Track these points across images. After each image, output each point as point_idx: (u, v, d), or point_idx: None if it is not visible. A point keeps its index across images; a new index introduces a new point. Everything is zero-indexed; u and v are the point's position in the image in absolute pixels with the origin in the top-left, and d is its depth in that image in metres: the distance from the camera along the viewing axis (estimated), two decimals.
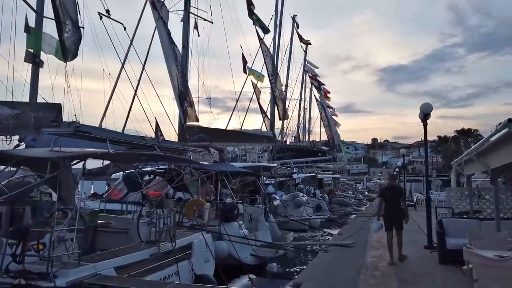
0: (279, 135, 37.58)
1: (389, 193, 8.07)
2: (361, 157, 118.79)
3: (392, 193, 8.05)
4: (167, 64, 12.99)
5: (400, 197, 8.06)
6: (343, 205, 27.58)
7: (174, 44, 13.87)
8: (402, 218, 7.89)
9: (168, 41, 13.05)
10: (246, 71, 25.03)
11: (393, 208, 7.93)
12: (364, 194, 51.69)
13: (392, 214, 7.93)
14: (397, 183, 9.41)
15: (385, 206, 8.05)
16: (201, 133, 17.82)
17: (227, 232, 9.49)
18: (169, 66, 13.07)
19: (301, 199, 17.30)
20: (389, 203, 7.96)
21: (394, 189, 8.28)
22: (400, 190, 8.49)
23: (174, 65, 13.30)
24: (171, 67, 13.10)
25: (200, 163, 10.28)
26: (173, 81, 13.23)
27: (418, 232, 11.38)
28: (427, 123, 9.41)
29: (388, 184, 8.67)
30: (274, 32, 31.73)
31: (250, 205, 14.04)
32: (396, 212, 7.90)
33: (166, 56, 13.05)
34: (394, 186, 8.67)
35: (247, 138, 17.94)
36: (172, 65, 13.23)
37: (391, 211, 7.95)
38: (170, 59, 13.14)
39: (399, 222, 7.92)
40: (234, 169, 11.91)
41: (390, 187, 8.41)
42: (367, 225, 15.64)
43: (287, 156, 28.89)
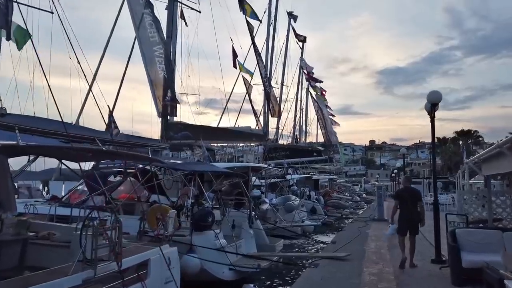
0: (275, 135, 36.41)
1: (405, 195, 7.71)
2: (358, 159, 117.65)
3: (409, 195, 7.68)
4: (141, 52, 11.57)
5: (417, 200, 7.65)
6: (339, 208, 26.17)
7: (159, 31, 12.47)
8: (418, 222, 7.53)
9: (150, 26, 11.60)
10: (237, 65, 23.69)
11: (410, 211, 7.55)
12: (362, 196, 50.41)
13: (408, 218, 7.57)
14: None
15: (401, 209, 7.72)
16: (185, 131, 16.49)
17: (200, 243, 8.10)
18: (144, 56, 11.64)
19: (292, 203, 15.85)
20: (406, 206, 7.60)
21: (410, 192, 7.85)
22: (417, 192, 7.95)
23: (153, 56, 11.89)
24: (147, 56, 11.68)
25: (164, 162, 8.83)
26: (152, 71, 11.82)
27: (422, 240, 9.98)
28: (435, 115, 8.02)
29: (404, 186, 8.21)
30: (268, 29, 30.52)
31: (235, 209, 12.66)
32: (412, 216, 7.53)
33: (141, 43, 11.63)
34: (411, 188, 8.14)
35: (235, 136, 16.55)
36: (150, 54, 11.83)
37: (407, 215, 7.58)
38: (146, 47, 11.72)
39: (415, 226, 7.58)
40: (212, 169, 10.47)
41: (407, 189, 7.99)
42: (364, 231, 14.25)
43: (280, 156, 27.51)
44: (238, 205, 13.28)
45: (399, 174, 39.06)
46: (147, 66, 11.51)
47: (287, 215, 15.80)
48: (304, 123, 48.07)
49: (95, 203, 9.75)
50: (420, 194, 8.00)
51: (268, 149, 28.09)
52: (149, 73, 11.55)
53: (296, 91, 43.04)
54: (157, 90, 11.85)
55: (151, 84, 11.78)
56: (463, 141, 56.87)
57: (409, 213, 7.54)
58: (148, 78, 11.71)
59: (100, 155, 6.60)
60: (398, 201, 7.83)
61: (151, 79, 11.71)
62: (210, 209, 8.50)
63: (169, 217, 6.83)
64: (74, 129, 7.48)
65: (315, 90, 37.26)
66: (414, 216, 7.52)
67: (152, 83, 11.73)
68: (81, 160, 7.00)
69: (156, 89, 11.79)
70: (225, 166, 14.54)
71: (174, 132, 16.79)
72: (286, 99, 37.65)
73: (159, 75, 11.82)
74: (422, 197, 7.93)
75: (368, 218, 19.01)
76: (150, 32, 11.74)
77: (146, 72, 11.60)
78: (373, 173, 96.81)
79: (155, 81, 11.79)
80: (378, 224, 17.08)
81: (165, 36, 15.54)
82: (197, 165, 10.18)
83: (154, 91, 11.76)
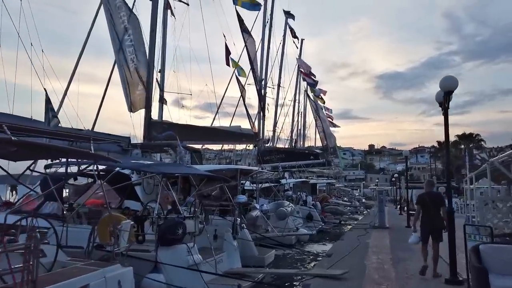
0: (271, 138, 35.05)
1: (428, 200, 7.40)
2: (358, 163, 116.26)
3: (432, 200, 7.37)
4: (111, 37, 10.25)
5: (441, 205, 7.28)
6: (337, 214, 24.77)
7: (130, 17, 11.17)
8: (442, 228, 7.17)
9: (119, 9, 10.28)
10: (230, 63, 22.41)
11: (433, 217, 7.27)
12: (361, 201, 49.02)
13: (431, 224, 7.28)
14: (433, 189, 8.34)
15: (423, 215, 7.47)
16: (169, 130, 15.15)
17: (167, 259, 6.75)
18: (114, 42, 10.32)
19: (285, 209, 14.48)
20: (429, 211, 7.34)
21: (433, 196, 7.52)
22: (440, 197, 7.59)
23: (123, 44, 10.59)
24: (115, 44, 10.35)
25: (118, 160, 7.47)
26: (121, 61, 10.49)
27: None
28: (449, 105, 6.68)
29: (427, 191, 7.83)
30: (263, 27, 29.31)
31: (221, 217, 11.31)
32: (436, 222, 7.24)
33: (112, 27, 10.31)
34: (434, 193, 7.88)
35: (223, 136, 15.21)
36: (119, 42, 10.52)
37: (430, 221, 7.30)
38: (114, 34, 10.40)
39: (439, 233, 7.23)
40: (185, 171, 9.10)
41: (429, 194, 7.65)
42: (364, 240, 12.88)
43: (276, 159, 26.14)
44: (224, 212, 11.96)
45: (400, 179, 37.73)
46: (117, 55, 10.21)
47: (281, 222, 14.42)
48: (303, 126, 46.87)
49: (49, 211, 8.46)
50: (443, 199, 7.45)
51: (263, 152, 26.80)
52: (119, 62, 10.25)
53: (294, 93, 41.87)
54: (128, 83, 10.54)
55: (122, 75, 10.46)
56: (464, 145, 55.59)
57: (431, 219, 7.25)
58: (119, 70, 10.41)
59: (24, 149, 5.22)
60: (420, 207, 7.57)
61: (121, 70, 10.41)
62: (181, 219, 7.11)
63: (121, 229, 5.46)
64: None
65: (313, 91, 35.97)
66: (437, 222, 7.20)
67: (124, 76, 10.43)
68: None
69: (127, 82, 10.49)
70: (210, 168, 13.19)
71: (158, 131, 15.49)
72: (283, 103, 36.46)
73: (130, 67, 10.52)
74: (445, 202, 7.18)
75: (368, 225, 17.64)
76: (121, 16, 10.47)
77: (117, 64, 10.30)
78: (373, 177, 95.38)
79: (125, 71, 10.50)
80: (379, 232, 15.73)
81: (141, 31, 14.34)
82: (167, 167, 8.82)
83: (124, 83, 10.44)
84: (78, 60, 14.02)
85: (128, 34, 10.75)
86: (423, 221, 7.43)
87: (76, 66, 13.97)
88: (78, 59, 14.01)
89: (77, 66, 13.97)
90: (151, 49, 15.78)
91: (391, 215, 22.85)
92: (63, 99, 13.75)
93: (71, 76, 14.06)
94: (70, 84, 13.98)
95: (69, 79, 14.03)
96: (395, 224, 18.79)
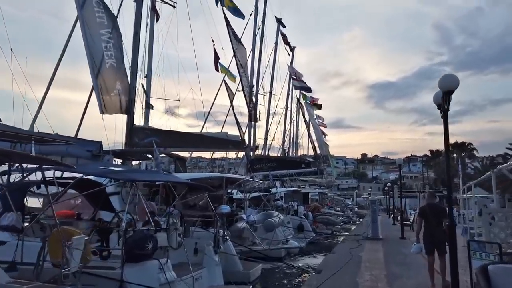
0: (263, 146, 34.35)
1: (430, 212, 7.26)
2: (350, 172, 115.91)
3: (434, 212, 7.23)
4: (83, 34, 9.52)
5: (442, 217, 7.05)
6: (329, 224, 24.03)
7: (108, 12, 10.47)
8: (445, 241, 6.94)
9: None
10: (218, 68, 21.78)
11: (435, 229, 7.08)
12: (354, 211, 48.37)
13: (434, 237, 7.11)
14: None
15: (426, 227, 7.32)
16: (153, 136, 14.41)
17: (135, 278, 5.96)
18: (86, 38, 9.58)
19: (273, 220, 13.72)
20: (431, 223, 7.18)
21: (435, 208, 7.38)
22: (443, 209, 7.38)
23: (98, 40, 9.87)
24: (90, 39, 9.62)
25: (71, 166, 6.70)
26: (96, 57, 9.75)
27: (424, 268, 7.97)
28: (449, 107, 6.05)
29: (429, 203, 7.70)
30: (254, 32, 28.83)
31: (203, 229, 10.54)
32: (438, 234, 7.05)
33: (84, 24, 9.59)
34: (436, 204, 7.72)
35: (209, 143, 14.48)
36: (95, 37, 9.80)
37: (433, 233, 7.13)
38: (91, 29, 9.68)
39: (442, 245, 7.09)
40: (156, 178, 8.32)
41: (432, 205, 7.51)
42: (356, 254, 12.16)
43: (266, 168, 25.48)
44: (207, 224, 11.18)
45: (393, 187, 37.19)
46: (90, 50, 9.47)
47: (268, 234, 13.65)
48: (295, 135, 46.27)
49: (8, 223, 7.62)
50: (445, 211, 7.16)
51: (253, 160, 26.08)
52: (92, 59, 9.51)
53: (286, 101, 41.35)
54: (101, 81, 9.78)
55: (93, 73, 9.69)
56: (457, 154, 55.43)
57: (433, 232, 7.08)
58: (90, 65, 9.63)
59: None
60: (422, 219, 7.44)
61: (94, 67, 9.66)
62: (152, 232, 6.34)
63: (72, 247, 4.68)
64: None
65: (305, 97, 35.48)
66: (439, 235, 7.00)
67: (95, 71, 9.67)
68: None
69: (100, 79, 9.73)
70: (194, 177, 12.45)
71: (140, 138, 14.75)
72: (275, 112, 35.91)
73: (106, 63, 9.79)
74: (447, 214, 6.78)
75: (361, 237, 16.92)
76: (97, 12, 9.76)
77: (88, 58, 9.54)
78: (365, 186, 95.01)
79: (99, 69, 9.76)
80: (373, 244, 15.03)
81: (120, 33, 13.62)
82: (138, 174, 8.04)
83: (96, 81, 9.68)
84: (57, 66, 13.23)
85: (107, 30, 10.05)
86: (425, 234, 7.26)
87: (55, 72, 13.18)
88: (56, 65, 13.23)
89: (56, 72, 13.20)
90: (134, 52, 15.13)
91: (384, 226, 22.19)
92: (41, 104, 12.97)
93: (49, 82, 13.29)
94: (49, 90, 13.23)
95: (47, 85, 13.26)
96: (389, 235, 18.11)
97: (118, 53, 10.61)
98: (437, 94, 6.22)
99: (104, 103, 10.05)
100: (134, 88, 14.70)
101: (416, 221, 7.87)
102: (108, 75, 9.89)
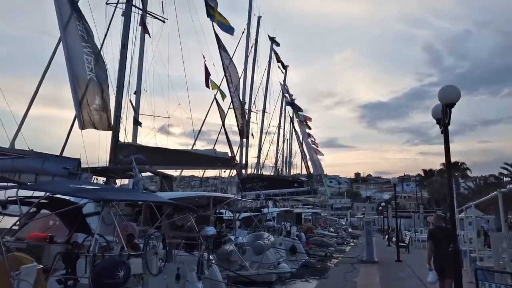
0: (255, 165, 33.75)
1: (440, 235, 7.13)
2: (344, 192, 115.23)
3: (443, 235, 7.08)
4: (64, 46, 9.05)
5: (454, 240, 6.62)
6: (323, 246, 23.26)
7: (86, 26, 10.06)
8: (457, 265, 6.28)
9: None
10: (209, 85, 21.41)
11: (445, 253, 6.78)
12: (348, 231, 47.51)
13: (443, 261, 6.88)
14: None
15: (435, 251, 7.13)
16: (138, 153, 13.82)
17: None
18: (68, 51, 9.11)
19: (263, 243, 13.01)
20: (440, 247, 7.01)
21: (444, 231, 7.25)
22: (451, 232, 7.00)
23: (80, 52, 9.41)
24: (71, 51, 9.15)
25: (21, 182, 6.11)
26: (76, 70, 9.25)
27: None
28: (450, 121, 5.59)
29: (437, 226, 7.61)
30: (246, 50, 28.74)
31: (187, 252, 9.83)
32: (447, 258, 6.66)
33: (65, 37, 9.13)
34: (445, 228, 7.52)
35: (197, 160, 13.89)
36: (77, 50, 9.34)
37: (442, 257, 6.95)
38: (72, 41, 9.22)
39: (451, 270, 6.49)
40: (129, 198, 7.67)
41: (440, 229, 7.41)
42: (351, 279, 11.48)
43: (258, 187, 24.80)
44: (193, 247, 10.48)
45: (387, 207, 36.61)
46: (70, 63, 8.98)
47: (258, 257, 12.91)
48: (289, 154, 45.79)
49: None
50: (455, 234, 6.89)
51: (245, 179, 25.43)
52: (72, 72, 9.01)
53: (279, 120, 41.09)
54: (80, 95, 9.27)
55: (73, 86, 9.17)
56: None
57: (444, 255, 6.82)
58: (70, 78, 9.13)
59: None
60: (432, 242, 7.25)
61: (74, 80, 9.14)
62: (125, 257, 5.68)
63: (19, 277, 4.01)
64: None
65: (298, 116, 35.22)
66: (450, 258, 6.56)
67: (75, 84, 9.16)
68: None
69: (79, 93, 9.21)
70: (180, 196, 11.78)
71: (125, 155, 14.13)
72: (267, 130, 35.57)
73: (86, 77, 9.30)
74: (456, 237, 6.64)
75: (355, 259, 16.23)
76: (78, 25, 9.32)
77: (68, 71, 9.04)
78: (359, 206, 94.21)
79: (79, 83, 9.25)
80: (368, 267, 14.34)
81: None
82: (112, 192, 7.40)
83: (76, 95, 9.16)
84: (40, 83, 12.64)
85: (87, 44, 9.58)
86: (435, 257, 7.04)
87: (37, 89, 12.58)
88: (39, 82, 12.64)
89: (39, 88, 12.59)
90: (121, 66, 14.67)
91: (379, 247, 21.50)
92: (22, 121, 12.36)
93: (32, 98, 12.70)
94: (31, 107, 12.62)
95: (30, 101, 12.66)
96: (384, 258, 17.43)
97: (99, 68, 10.13)
98: (436, 107, 5.77)
99: (83, 118, 9.50)
100: (120, 104, 14.18)
101: (427, 246, 7.69)
102: (88, 89, 9.37)
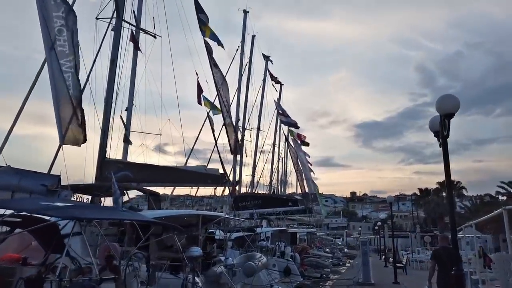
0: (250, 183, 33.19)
1: (444, 256, 7.11)
2: (340, 211, 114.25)
3: (448, 256, 7.02)
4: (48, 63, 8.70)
5: (458, 262, 6.90)
6: (318, 267, 22.55)
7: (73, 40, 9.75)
8: (460, 287, 6.69)
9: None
10: (201, 102, 21.12)
11: (448, 274, 6.85)
12: (344, 251, 46.62)
13: (446, 282, 6.86)
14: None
15: (439, 272, 7.12)
16: (125, 170, 13.37)
17: None
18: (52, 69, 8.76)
19: (253, 264, 12.40)
20: (445, 268, 6.99)
21: (449, 252, 7.15)
22: (456, 253, 7.09)
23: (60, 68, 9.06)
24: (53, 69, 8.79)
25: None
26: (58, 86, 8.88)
27: None
28: (449, 133, 5.24)
29: (442, 246, 7.66)
30: (240, 68, 28.70)
31: (173, 275, 9.25)
32: (451, 280, 6.73)
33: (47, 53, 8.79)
34: (450, 249, 7.36)
35: (186, 177, 13.43)
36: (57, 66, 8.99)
37: (445, 278, 6.91)
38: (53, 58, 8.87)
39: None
40: (118, 217, 7.20)
41: (445, 249, 7.40)
42: None
43: (251, 206, 24.25)
44: (179, 268, 9.89)
45: (383, 227, 36.01)
46: (53, 80, 8.63)
47: (248, 279, 12.29)
48: (284, 172, 45.26)
49: None
50: (459, 256, 7.15)
51: (238, 198, 24.88)
52: (55, 87, 8.64)
53: (274, 138, 40.80)
54: (62, 111, 8.88)
55: (55, 103, 8.79)
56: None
57: (447, 277, 6.82)
58: (53, 94, 8.76)
59: None
60: (435, 262, 7.25)
61: (56, 96, 8.77)
62: (95, 282, 5.16)
63: None
64: None
65: (292, 134, 34.97)
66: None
67: (57, 101, 8.78)
68: None
69: (60, 109, 8.82)
70: (166, 214, 11.27)
71: (112, 172, 13.65)
72: (262, 149, 35.21)
73: (66, 92, 8.92)
74: (461, 259, 6.62)
75: (351, 281, 15.60)
76: (59, 40, 9.00)
77: (51, 87, 8.69)
78: (355, 225, 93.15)
79: (60, 99, 8.87)
80: None
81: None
82: (87, 211, 6.90)
83: (58, 112, 8.75)
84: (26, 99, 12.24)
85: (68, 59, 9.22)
86: (439, 278, 7.00)
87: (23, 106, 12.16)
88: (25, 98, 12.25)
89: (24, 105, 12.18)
90: (111, 82, 14.33)
91: (375, 268, 20.85)
92: (6, 138, 11.90)
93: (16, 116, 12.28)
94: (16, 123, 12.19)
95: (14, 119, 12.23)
96: (382, 280, 16.80)
97: (76, 83, 9.75)
98: (434, 119, 5.46)
99: (64, 134, 9.08)
100: (108, 120, 13.78)
101: (430, 266, 7.59)
102: (68, 105, 8.98)
